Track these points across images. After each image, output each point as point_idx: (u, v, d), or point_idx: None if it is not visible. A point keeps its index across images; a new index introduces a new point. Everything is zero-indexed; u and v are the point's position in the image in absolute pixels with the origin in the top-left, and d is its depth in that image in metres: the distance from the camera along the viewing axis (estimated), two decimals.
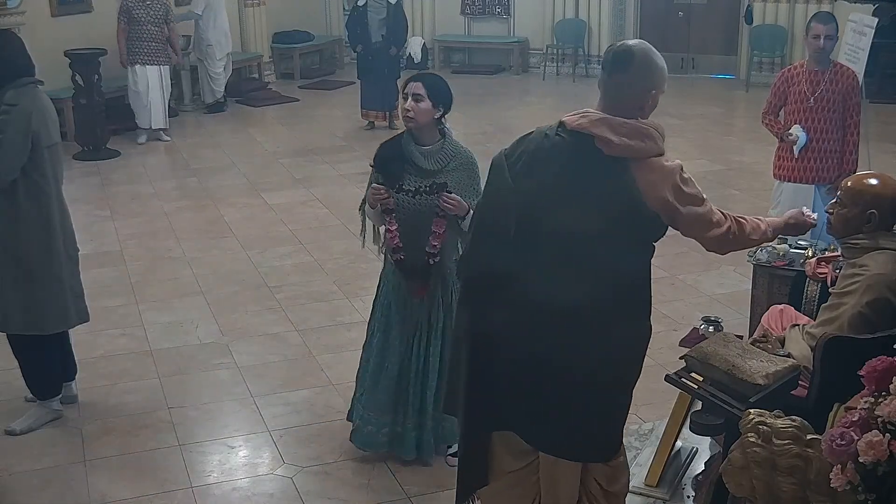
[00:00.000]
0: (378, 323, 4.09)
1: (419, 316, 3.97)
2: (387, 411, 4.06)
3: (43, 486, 4.11)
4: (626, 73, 2.83)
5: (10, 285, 4.30)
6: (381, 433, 4.09)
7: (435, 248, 3.84)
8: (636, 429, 4.10)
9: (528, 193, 2.80)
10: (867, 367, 2.47)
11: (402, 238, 3.87)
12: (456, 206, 3.74)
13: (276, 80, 13.82)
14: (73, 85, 9.75)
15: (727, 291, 6.06)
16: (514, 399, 2.88)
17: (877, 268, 3.28)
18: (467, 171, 3.90)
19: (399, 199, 3.85)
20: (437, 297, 3.95)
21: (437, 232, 3.82)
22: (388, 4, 10.40)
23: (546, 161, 2.81)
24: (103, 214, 7.84)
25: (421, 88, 3.79)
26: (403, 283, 3.95)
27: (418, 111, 3.79)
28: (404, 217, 3.87)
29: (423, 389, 4.02)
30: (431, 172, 3.84)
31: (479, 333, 2.88)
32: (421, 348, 3.99)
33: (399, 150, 3.90)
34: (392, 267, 3.99)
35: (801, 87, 5.51)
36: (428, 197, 3.79)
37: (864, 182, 3.46)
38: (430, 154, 3.86)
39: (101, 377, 5.05)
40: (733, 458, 2.60)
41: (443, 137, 3.91)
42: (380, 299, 4.11)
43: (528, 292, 2.79)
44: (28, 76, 4.29)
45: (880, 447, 2.24)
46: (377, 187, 3.85)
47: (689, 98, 12.41)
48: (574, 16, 13.93)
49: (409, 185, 3.83)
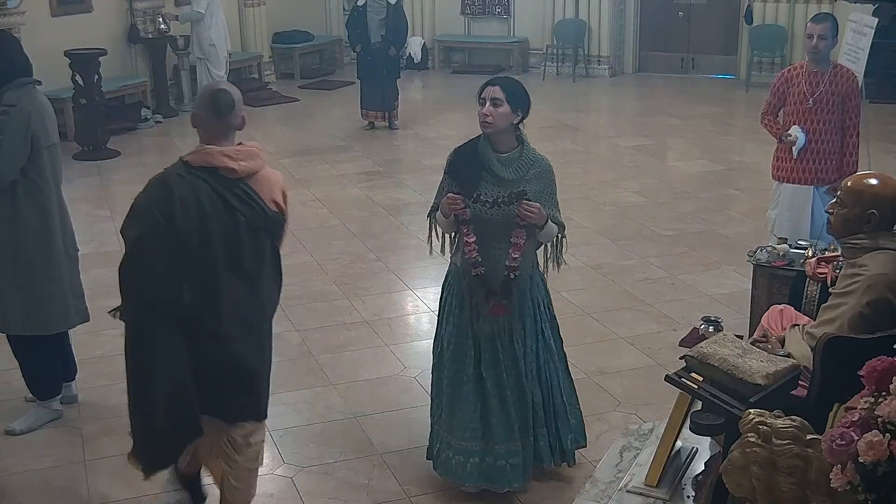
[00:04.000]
0: (449, 337, 3.82)
1: (493, 328, 3.73)
2: (473, 437, 3.79)
3: (43, 486, 4.12)
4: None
5: (10, 286, 4.30)
6: (469, 463, 3.80)
7: (515, 260, 3.63)
8: (636, 429, 4.10)
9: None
10: (867, 367, 2.47)
11: (480, 251, 3.66)
12: (536, 214, 3.57)
13: (276, 80, 13.82)
14: (73, 85, 9.75)
15: (727, 291, 6.06)
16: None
17: (877, 268, 3.28)
18: (546, 180, 3.73)
19: (475, 210, 3.63)
20: (514, 309, 3.73)
21: (518, 243, 3.61)
22: (388, 5, 10.39)
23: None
24: (103, 214, 7.85)
25: (499, 92, 3.63)
26: (483, 303, 3.70)
27: (497, 116, 3.61)
28: (480, 228, 3.65)
29: (507, 414, 3.75)
30: (510, 182, 3.64)
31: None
32: (496, 370, 3.75)
33: (475, 156, 3.69)
34: (461, 279, 3.76)
35: (800, 88, 5.50)
36: (507, 207, 3.58)
37: (864, 182, 3.45)
38: (509, 162, 3.67)
39: (101, 377, 5.05)
40: (733, 458, 2.60)
41: (520, 144, 3.73)
42: (446, 312, 3.85)
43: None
44: (26, 76, 4.29)
45: (880, 447, 2.24)
46: (454, 197, 3.62)
47: (689, 98, 12.43)
48: (574, 16, 13.93)
49: (486, 195, 3.62)
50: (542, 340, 3.86)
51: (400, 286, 6.25)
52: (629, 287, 6.19)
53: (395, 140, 10.46)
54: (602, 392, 4.82)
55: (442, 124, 11.12)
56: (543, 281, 3.92)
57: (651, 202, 8.03)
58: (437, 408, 3.95)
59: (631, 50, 14.25)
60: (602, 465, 3.83)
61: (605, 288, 6.18)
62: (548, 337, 3.88)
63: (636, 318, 5.71)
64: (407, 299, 6.09)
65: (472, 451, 3.79)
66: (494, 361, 3.75)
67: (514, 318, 3.74)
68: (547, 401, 3.88)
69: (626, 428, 4.18)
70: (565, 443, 3.93)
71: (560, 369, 3.95)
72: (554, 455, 3.92)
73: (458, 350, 3.80)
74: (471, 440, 3.79)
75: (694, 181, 8.62)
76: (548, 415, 3.88)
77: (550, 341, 3.90)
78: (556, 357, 3.93)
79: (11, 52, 4.29)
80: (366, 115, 10.82)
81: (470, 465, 3.80)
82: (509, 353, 3.76)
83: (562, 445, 3.93)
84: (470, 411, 3.77)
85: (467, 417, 3.78)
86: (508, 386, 3.76)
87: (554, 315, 3.97)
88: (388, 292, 6.18)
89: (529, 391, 3.80)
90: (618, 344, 5.38)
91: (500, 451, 3.78)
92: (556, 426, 3.91)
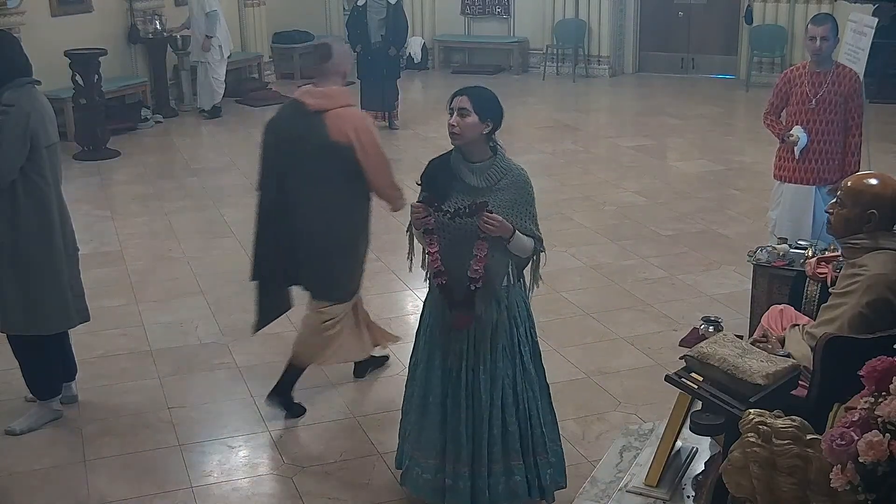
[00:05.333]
0: (421, 353, 3.77)
1: (462, 346, 3.63)
2: (434, 455, 3.69)
3: (43, 486, 4.12)
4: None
5: (10, 286, 4.30)
6: (435, 479, 3.71)
7: (477, 272, 3.51)
8: (636, 429, 4.10)
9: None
10: (867, 367, 2.46)
11: (445, 261, 3.57)
12: (497, 226, 3.45)
13: (276, 80, 13.82)
14: (73, 85, 9.76)
15: (727, 291, 6.06)
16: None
17: (877, 268, 3.28)
18: (518, 190, 3.60)
19: (438, 220, 3.57)
20: (484, 327, 3.61)
21: (479, 255, 3.50)
22: (388, 5, 10.40)
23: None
24: (103, 214, 7.85)
25: (466, 102, 3.53)
26: (447, 312, 3.63)
27: (464, 126, 3.53)
28: (446, 239, 3.58)
29: (476, 432, 3.63)
30: (480, 190, 3.55)
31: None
32: (468, 382, 3.63)
33: (447, 166, 3.65)
34: (436, 293, 3.69)
35: (802, 89, 5.50)
36: (468, 219, 3.49)
37: (864, 182, 3.45)
38: (479, 171, 3.58)
39: (101, 377, 5.05)
40: (733, 458, 2.60)
41: (494, 154, 3.63)
42: (423, 327, 3.81)
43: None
44: (25, 76, 4.29)
45: (880, 447, 2.24)
46: (417, 205, 3.59)
47: (689, 98, 12.43)
48: (574, 16, 13.94)
49: (448, 205, 3.55)
50: (521, 365, 3.67)
51: (400, 286, 6.24)
52: (629, 287, 6.19)
53: (395, 140, 10.45)
54: (602, 392, 4.82)
55: (442, 124, 10.96)
56: (525, 302, 3.75)
57: (651, 202, 8.03)
58: (405, 423, 3.87)
59: (631, 50, 14.26)
60: (602, 465, 3.82)
61: (605, 288, 6.18)
62: (527, 363, 3.69)
63: (636, 318, 5.71)
64: (407, 299, 6.09)
65: (436, 468, 3.70)
66: (458, 378, 3.65)
67: (483, 334, 3.61)
68: (525, 432, 3.68)
69: (626, 428, 4.18)
70: (544, 478, 3.73)
71: (539, 399, 3.74)
72: (531, 490, 3.72)
73: (428, 366, 3.72)
74: (433, 458, 3.70)
75: (694, 181, 8.62)
76: (525, 447, 3.68)
77: (530, 367, 3.71)
78: (537, 387, 3.74)
79: (11, 52, 4.29)
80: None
81: (436, 481, 3.70)
82: (474, 372, 3.62)
83: (540, 481, 3.73)
84: (435, 429, 3.68)
85: (432, 436, 3.69)
86: (465, 407, 3.63)
87: (536, 342, 3.79)
88: (388, 292, 6.18)
89: (492, 420, 3.61)
90: (618, 344, 5.38)
91: (449, 471, 3.68)
92: (535, 459, 3.71)
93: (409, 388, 3.88)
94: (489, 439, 3.63)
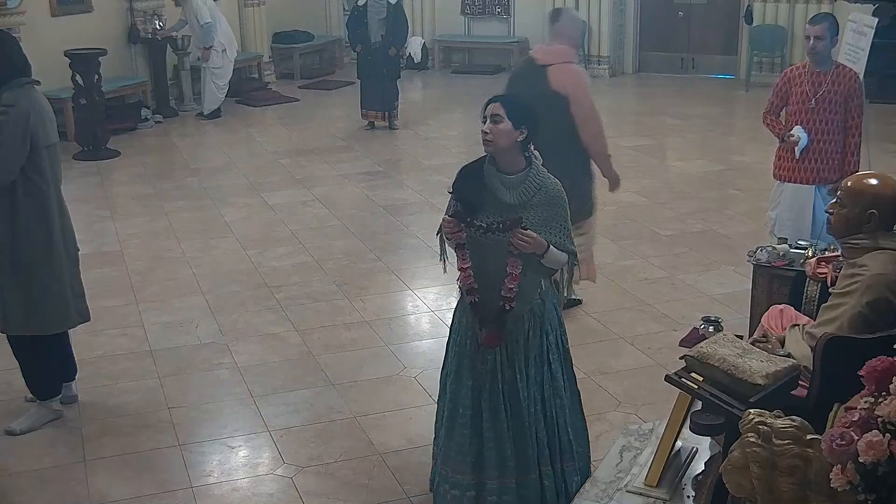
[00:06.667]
0: (451, 365, 3.66)
1: (494, 361, 3.53)
2: (466, 470, 3.59)
3: (43, 486, 4.11)
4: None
5: (10, 286, 4.30)
6: (465, 497, 3.60)
7: (510, 291, 3.40)
8: (636, 429, 4.10)
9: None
10: (867, 367, 2.46)
11: (477, 278, 3.46)
12: (530, 244, 3.34)
13: (276, 80, 13.82)
14: (73, 85, 9.75)
15: (727, 291, 6.06)
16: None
17: (877, 268, 3.28)
18: (553, 207, 3.48)
19: (470, 234, 3.43)
20: (517, 338, 3.53)
21: (512, 273, 3.39)
22: (388, 4, 10.39)
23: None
24: (103, 214, 7.85)
25: (499, 109, 3.42)
26: (477, 328, 3.52)
27: (497, 133, 3.40)
28: (478, 255, 3.46)
29: (501, 448, 3.56)
30: (514, 207, 3.42)
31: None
32: (493, 400, 3.55)
33: (480, 177, 3.50)
34: (466, 305, 3.58)
35: (802, 88, 5.50)
36: (501, 235, 3.36)
37: (865, 182, 3.45)
38: (514, 185, 3.44)
39: (101, 377, 5.05)
40: (733, 458, 2.60)
41: (529, 166, 3.49)
42: (453, 337, 3.69)
43: None
44: (25, 76, 4.29)
45: (880, 447, 2.24)
46: (448, 220, 3.45)
47: (689, 98, 12.43)
48: None
49: (482, 219, 3.40)
50: (549, 372, 3.59)
51: (400, 286, 6.25)
52: (629, 287, 6.19)
53: (395, 140, 10.45)
54: (602, 392, 4.82)
55: (442, 124, 11.12)
56: (557, 309, 3.66)
57: (651, 202, 8.02)
58: (438, 438, 3.77)
59: (631, 50, 14.25)
60: (602, 465, 3.82)
61: (605, 288, 6.18)
62: (555, 370, 3.61)
63: (636, 318, 5.71)
64: (407, 299, 6.09)
65: (468, 485, 3.61)
66: (493, 391, 3.55)
67: (517, 346, 3.53)
68: (552, 439, 3.61)
69: (626, 428, 4.18)
70: (570, 485, 3.66)
71: (568, 407, 3.67)
72: (559, 498, 3.65)
73: (457, 378, 3.63)
74: (464, 473, 3.60)
75: (694, 181, 8.62)
76: (553, 454, 3.63)
77: (559, 374, 3.63)
78: (564, 393, 3.65)
79: (11, 52, 4.29)
80: (366, 115, 10.82)
81: (466, 499, 3.61)
82: (510, 383, 3.54)
83: (567, 488, 3.66)
84: (465, 444, 3.59)
85: (462, 450, 3.60)
86: (506, 418, 3.54)
87: (567, 349, 3.71)
88: (388, 292, 6.18)
89: (532, 425, 3.56)
90: (618, 344, 5.38)
91: (493, 487, 3.58)
92: (562, 467, 3.65)
93: (440, 402, 3.78)
94: (537, 448, 3.59)
